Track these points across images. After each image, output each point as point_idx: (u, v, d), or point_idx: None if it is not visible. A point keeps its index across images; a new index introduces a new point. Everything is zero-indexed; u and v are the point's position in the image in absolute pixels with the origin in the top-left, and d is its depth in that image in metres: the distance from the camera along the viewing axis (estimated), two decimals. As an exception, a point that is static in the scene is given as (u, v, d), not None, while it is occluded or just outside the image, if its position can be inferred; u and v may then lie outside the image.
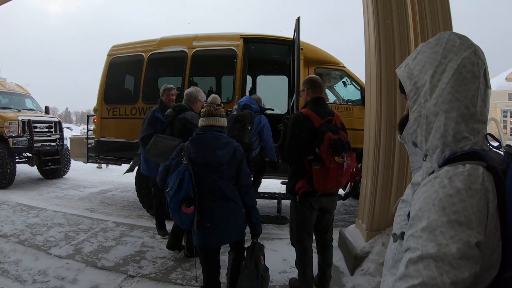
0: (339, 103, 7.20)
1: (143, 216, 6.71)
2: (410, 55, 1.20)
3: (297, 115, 3.50)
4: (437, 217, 0.92)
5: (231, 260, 3.32)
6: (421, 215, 0.96)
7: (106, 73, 7.58)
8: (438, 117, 1.07)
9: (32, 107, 11.52)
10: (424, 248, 0.90)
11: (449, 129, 1.06)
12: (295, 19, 6.18)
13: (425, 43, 1.16)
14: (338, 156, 3.16)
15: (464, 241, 0.87)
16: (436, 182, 0.99)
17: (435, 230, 0.90)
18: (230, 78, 6.81)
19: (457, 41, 1.08)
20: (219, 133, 3.13)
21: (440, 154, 1.09)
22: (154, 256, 4.76)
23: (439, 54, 1.09)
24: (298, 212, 3.53)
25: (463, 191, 0.93)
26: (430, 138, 1.10)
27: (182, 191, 2.84)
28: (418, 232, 0.94)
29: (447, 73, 1.06)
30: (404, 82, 1.17)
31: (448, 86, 1.05)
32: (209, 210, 2.96)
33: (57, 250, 4.87)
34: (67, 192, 9.15)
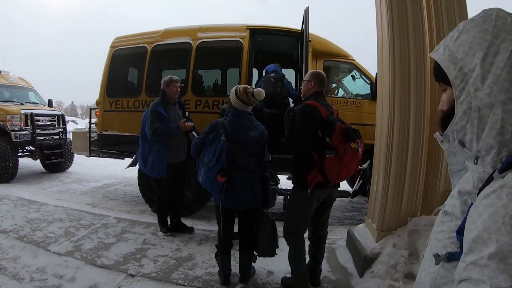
0: (348, 97, 6.99)
1: (146, 212, 6.60)
2: (449, 35, 0.99)
3: (304, 106, 3.50)
4: (509, 240, 0.73)
5: (246, 226, 3.86)
6: (487, 237, 0.77)
7: (108, 66, 7.41)
8: (494, 110, 0.86)
9: (35, 101, 11.40)
10: (493, 281, 0.72)
11: (508, 125, 0.85)
12: (304, 10, 6.00)
13: (468, 20, 0.95)
14: (353, 142, 3.26)
15: None
16: (503, 193, 0.80)
17: (507, 257, 0.72)
18: (236, 71, 6.62)
19: (508, 19, 0.89)
20: (251, 116, 3.77)
21: (495, 156, 0.90)
22: (155, 254, 4.62)
23: (489, 33, 0.88)
24: (301, 205, 3.54)
25: None
26: (483, 136, 0.90)
27: (220, 163, 3.47)
28: (484, 259, 0.75)
29: (501, 55, 0.86)
30: (447, 67, 0.96)
31: (504, 71, 0.85)
32: (236, 179, 3.60)
33: (56, 247, 4.75)
34: (70, 186, 9.06)
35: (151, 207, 6.51)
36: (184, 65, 6.77)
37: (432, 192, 4.17)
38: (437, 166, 4.14)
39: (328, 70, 6.85)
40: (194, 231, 5.52)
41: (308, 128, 3.36)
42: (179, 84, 5.30)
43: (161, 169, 5.07)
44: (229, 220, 3.83)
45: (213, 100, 6.57)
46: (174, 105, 5.32)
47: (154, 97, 6.67)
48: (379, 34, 4.33)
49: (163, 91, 5.20)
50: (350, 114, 6.44)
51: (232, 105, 3.73)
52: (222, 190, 3.58)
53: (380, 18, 4.27)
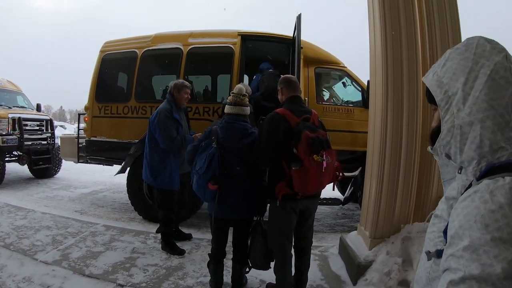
0: (339, 104, 6.98)
1: (135, 219, 6.50)
2: (437, 62, 1.14)
3: (271, 115, 3.41)
4: (480, 235, 0.85)
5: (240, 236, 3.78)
6: (462, 233, 0.90)
7: (98, 70, 7.29)
8: (473, 127, 1.00)
9: (23, 105, 11.24)
10: (467, 268, 0.84)
11: (485, 139, 0.99)
12: (296, 16, 5.99)
13: (453, 49, 1.10)
14: (317, 154, 3.09)
15: (508, 260, 0.80)
16: (476, 197, 0.92)
17: (478, 249, 0.84)
18: (227, 77, 6.56)
19: (487, 46, 1.03)
20: (244, 123, 3.64)
21: (476, 166, 1.03)
22: (145, 263, 4.53)
23: (470, 60, 1.03)
24: (278, 217, 3.42)
25: (506, 206, 0.86)
26: (465, 150, 1.04)
27: (210, 171, 3.40)
28: (460, 251, 0.88)
29: (480, 79, 0.99)
30: (434, 91, 1.11)
31: (482, 93, 0.98)
32: (229, 188, 3.52)
33: (43, 256, 4.64)
34: (57, 192, 8.93)
35: (140, 214, 6.45)
36: (175, 71, 6.70)
37: (425, 199, 4.15)
38: (429, 173, 4.13)
39: (319, 77, 6.84)
40: (192, 237, 5.46)
41: (273, 139, 3.26)
42: (189, 91, 5.15)
43: (177, 181, 4.92)
44: (222, 229, 3.77)
45: (204, 107, 6.51)
46: (182, 111, 5.14)
47: (143, 103, 6.63)
48: (371, 41, 4.33)
49: (172, 95, 4.98)
50: (340, 121, 6.45)
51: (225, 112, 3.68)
52: (215, 199, 3.52)
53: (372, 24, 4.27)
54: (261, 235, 3.66)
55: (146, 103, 6.73)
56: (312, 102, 6.30)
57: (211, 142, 3.53)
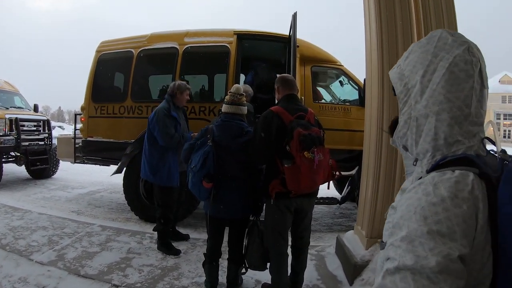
0: (336, 103, 6.96)
1: (131, 219, 6.47)
2: (402, 55, 1.15)
3: (265, 113, 3.42)
4: (417, 226, 0.86)
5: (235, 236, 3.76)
6: (401, 223, 0.91)
7: (94, 70, 7.26)
8: (429, 119, 1.02)
9: (20, 105, 11.21)
10: (402, 259, 0.85)
11: (440, 132, 1.00)
12: (292, 15, 5.96)
13: (417, 42, 1.11)
14: (307, 151, 3.07)
15: (444, 254, 0.81)
16: (420, 189, 0.94)
17: (414, 241, 0.85)
18: (223, 76, 6.54)
19: (449, 39, 1.03)
20: (240, 122, 3.63)
21: (430, 159, 1.04)
22: (140, 263, 4.51)
23: (430, 53, 1.03)
24: (273, 216, 3.40)
25: (448, 200, 0.86)
26: (420, 142, 1.06)
27: (205, 169, 3.41)
28: (398, 241, 0.89)
29: (438, 72, 1.00)
30: (395, 84, 1.14)
31: (439, 86, 0.99)
32: (224, 187, 3.50)
33: (39, 256, 4.62)
34: (55, 193, 8.90)
35: (137, 214, 6.43)
36: (171, 71, 6.69)
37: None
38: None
39: (316, 75, 6.83)
40: (189, 238, 5.44)
41: (266, 136, 3.26)
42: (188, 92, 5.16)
43: (176, 178, 4.93)
44: (217, 229, 3.76)
45: (200, 106, 6.49)
46: (181, 112, 5.18)
47: (139, 103, 6.60)
48: (367, 39, 4.31)
49: (172, 96, 5.00)
50: (338, 120, 6.44)
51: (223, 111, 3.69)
52: (210, 197, 3.50)
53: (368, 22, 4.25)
54: (257, 235, 3.63)
55: (142, 103, 6.71)
56: (308, 101, 6.27)
57: (207, 141, 3.53)
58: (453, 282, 0.80)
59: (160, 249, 4.92)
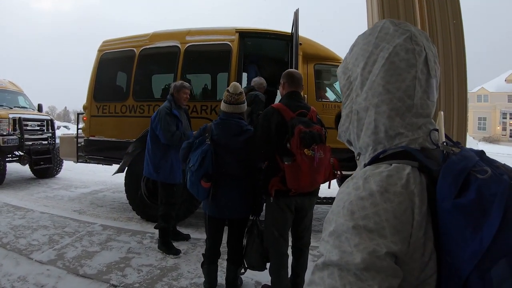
0: (340, 101, 6.86)
1: (133, 219, 6.45)
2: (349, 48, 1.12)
3: (267, 110, 3.41)
4: (343, 221, 0.82)
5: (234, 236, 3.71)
6: (331, 218, 0.87)
7: (96, 70, 7.26)
8: (368, 112, 0.98)
9: (24, 105, 11.27)
10: (329, 254, 0.81)
11: (380, 125, 0.96)
12: (294, 12, 5.90)
13: (361, 34, 1.08)
14: (308, 148, 3.02)
15: (369, 250, 0.76)
16: (351, 183, 0.89)
17: (340, 236, 0.81)
18: (225, 75, 6.51)
19: (391, 28, 0.99)
20: (239, 120, 3.58)
21: (372, 153, 1.00)
22: (139, 263, 4.48)
23: (371, 44, 1.00)
24: (273, 214, 3.36)
25: (377, 194, 0.82)
26: (361, 136, 1.02)
27: (203, 168, 3.35)
28: (326, 236, 0.85)
29: (378, 63, 0.97)
30: (339, 78, 1.10)
31: (379, 77, 0.96)
32: (223, 186, 3.46)
33: (39, 255, 4.63)
34: (58, 192, 8.91)
35: (138, 214, 6.41)
36: (172, 69, 6.65)
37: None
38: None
39: (319, 74, 6.76)
40: (190, 238, 5.41)
41: (265, 133, 3.24)
42: (189, 91, 5.17)
43: (179, 175, 4.94)
44: (216, 229, 3.72)
45: (202, 105, 6.45)
46: (183, 111, 5.18)
47: (141, 102, 6.58)
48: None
49: (172, 96, 5.04)
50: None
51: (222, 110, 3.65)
52: (209, 197, 3.46)
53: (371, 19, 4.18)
54: (257, 235, 3.58)
55: (144, 102, 6.69)
56: (311, 99, 6.20)
57: (205, 139, 3.49)
58: (383, 280, 0.76)
59: (160, 248, 4.90)
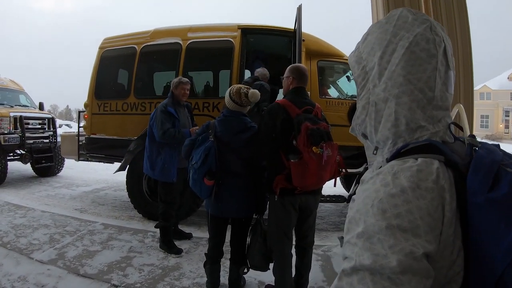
0: (343, 98, 6.80)
1: (135, 217, 6.39)
2: (362, 37, 1.06)
3: (272, 106, 3.34)
4: (374, 221, 0.77)
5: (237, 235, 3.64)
6: (358, 218, 0.82)
7: (97, 67, 7.21)
8: (388, 104, 0.93)
9: (25, 103, 11.25)
10: (359, 258, 0.76)
11: (401, 117, 0.92)
12: (297, 8, 5.82)
13: (376, 22, 1.02)
14: (316, 146, 2.93)
15: (406, 252, 0.72)
16: (378, 179, 0.84)
17: (372, 237, 0.76)
18: (227, 72, 6.44)
19: (409, 17, 0.95)
20: (243, 117, 3.52)
21: (391, 147, 0.96)
22: (141, 263, 4.43)
23: (389, 33, 0.95)
24: (277, 213, 3.28)
25: (409, 191, 0.77)
26: (380, 128, 0.97)
27: (206, 165, 3.26)
28: (354, 238, 0.80)
29: (397, 53, 0.92)
30: (353, 68, 1.04)
31: (399, 67, 0.91)
32: (227, 184, 3.38)
33: (39, 255, 4.58)
34: (59, 191, 8.87)
35: (140, 212, 6.35)
36: (174, 66, 6.60)
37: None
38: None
39: (322, 70, 6.69)
40: (192, 236, 5.35)
41: (271, 130, 3.16)
42: (189, 86, 5.05)
43: (172, 173, 4.86)
44: (219, 228, 3.62)
45: (203, 102, 6.39)
46: (183, 108, 5.12)
47: (142, 100, 6.53)
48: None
49: (172, 92, 4.98)
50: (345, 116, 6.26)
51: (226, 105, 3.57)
52: (212, 195, 3.37)
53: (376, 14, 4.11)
54: (260, 234, 3.50)
55: (146, 100, 6.63)
56: (314, 96, 6.13)
57: (208, 136, 3.41)
58: (418, 282, 0.71)
59: (162, 247, 4.84)
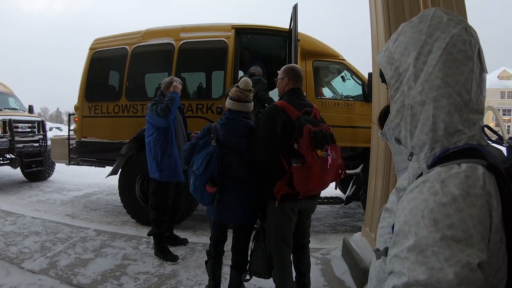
0: (339, 98, 6.74)
1: (128, 223, 6.26)
2: (391, 37, 1.02)
3: (270, 108, 3.23)
4: (427, 233, 0.74)
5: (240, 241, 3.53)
6: (407, 230, 0.79)
7: (87, 68, 7.05)
8: (426, 107, 0.89)
9: (15, 106, 11.03)
10: (412, 273, 0.73)
11: (439, 121, 0.88)
12: (292, 7, 5.75)
13: (407, 22, 0.99)
14: (320, 149, 2.84)
15: (463, 263, 0.69)
16: (425, 188, 0.81)
17: (425, 250, 0.73)
18: (221, 72, 6.36)
19: (444, 17, 0.91)
20: (247, 120, 3.38)
21: (429, 152, 0.92)
22: (136, 271, 4.30)
23: (423, 33, 0.91)
24: (277, 220, 3.18)
25: (460, 199, 0.75)
26: (416, 133, 0.93)
27: (208, 172, 3.14)
28: (404, 252, 0.77)
29: (434, 54, 0.88)
30: (384, 68, 1.00)
31: (436, 69, 0.87)
32: (229, 190, 3.26)
33: (30, 264, 4.43)
34: (50, 196, 8.70)
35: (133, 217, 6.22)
36: (166, 67, 6.49)
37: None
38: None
39: (317, 70, 6.63)
40: (188, 242, 5.22)
41: (269, 134, 3.04)
42: (180, 86, 4.90)
43: (181, 172, 4.74)
44: (221, 232, 3.55)
45: (197, 104, 6.28)
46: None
47: (134, 102, 6.39)
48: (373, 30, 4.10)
49: (162, 92, 4.85)
50: (341, 116, 6.22)
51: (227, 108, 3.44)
52: (214, 202, 3.27)
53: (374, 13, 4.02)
54: (263, 241, 3.38)
55: (137, 102, 6.50)
56: (310, 96, 6.05)
57: (210, 140, 3.29)
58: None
59: (157, 255, 4.72)
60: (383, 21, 3.76)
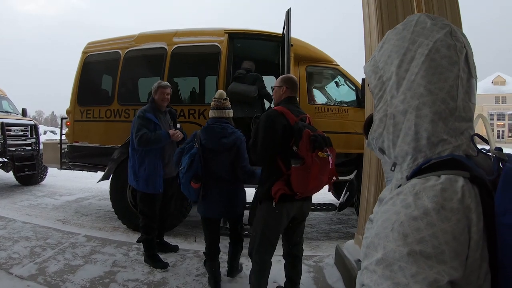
0: (332, 104, 6.70)
1: (119, 229, 6.19)
2: (378, 45, 1.00)
3: (270, 112, 3.29)
4: (395, 247, 0.73)
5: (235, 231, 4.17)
6: (377, 242, 0.78)
7: (80, 72, 7.00)
8: (408, 116, 0.87)
9: (8, 109, 10.96)
10: (378, 287, 0.73)
11: (422, 130, 0.86)
12: (285, 11, 5.72)
13: (392, 29, 0.97)
14: (321, 151, 2.97)
15: (430, 280, 0.68)
16: (398, 200, 0.79)
17: (392, 265, 0.72)
18: (214, 77, 6.31)
19: (428, 22, 0.89)
20: (226, 124, 3.85)
21: (411, 163, 0.90)
22: (125, 278, 4.23)
23: (406, 40, 0.90)
24: (268, 220, 3.23)
25: (433, 213, 0.73)
26: (398, 143, 0.91)
27: (192, 170, 3.65)
28: (373, 265, 0.76)
29: (416, 61, 0.87)
30: (369, 77, 0.99)
31: (419, 76, 0.86)
32: (213, 187, 3.77)
33: (19, 270, 4.36)
34: (42, 200, 8.62)
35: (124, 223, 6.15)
36: (159, 72, 6.44)
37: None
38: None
39: (311, 76, 6.60)
40: (178, 249, 5.15)
41: (271, 136, 3.12)
42: (169, 90, 4.84)
43: (158, 184, 4.62)
44: (211, 228, 3.97)
45: (189, 109, 6.24)
46: (165, 114, 4.90)
47: (126, 106, 6.35)
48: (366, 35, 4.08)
49: (152, 98, 4.79)
50: (334, 122, 6.18)
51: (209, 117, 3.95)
52: (199, 197, 3.75)
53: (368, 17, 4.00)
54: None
55: (130, 106, 6.44)
56: (303, 102, 6.02)
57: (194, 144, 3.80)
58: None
59: (146, 261, 4.65)
60: (376, 25, 3.75)
